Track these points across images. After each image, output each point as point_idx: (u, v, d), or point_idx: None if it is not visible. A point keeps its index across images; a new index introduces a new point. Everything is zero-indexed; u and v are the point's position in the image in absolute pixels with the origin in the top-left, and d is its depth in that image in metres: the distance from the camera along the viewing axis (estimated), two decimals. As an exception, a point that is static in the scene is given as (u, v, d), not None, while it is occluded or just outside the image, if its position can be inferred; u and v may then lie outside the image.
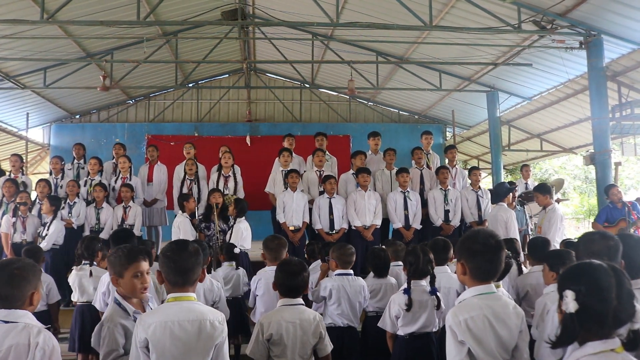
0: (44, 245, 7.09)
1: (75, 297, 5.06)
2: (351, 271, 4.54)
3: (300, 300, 3.28)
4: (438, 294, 3.91)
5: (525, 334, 2.53)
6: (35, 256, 5.31)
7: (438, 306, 3.87)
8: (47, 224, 7.25)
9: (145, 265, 2.98)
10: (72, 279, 5.07)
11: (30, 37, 9.63)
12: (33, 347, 2.35)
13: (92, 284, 4.89)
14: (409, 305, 3.78)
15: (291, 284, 3.28)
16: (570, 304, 1.78)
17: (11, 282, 2.44)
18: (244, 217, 7.06)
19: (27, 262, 2.58)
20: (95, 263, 5.07)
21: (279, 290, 3.35)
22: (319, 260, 5.63)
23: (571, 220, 24.67)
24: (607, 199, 7.84)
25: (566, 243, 5.61)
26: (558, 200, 10.30)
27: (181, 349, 2.49)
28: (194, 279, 2.66)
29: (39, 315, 2.54)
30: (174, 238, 6.88)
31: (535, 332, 3.39)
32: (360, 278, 4.60)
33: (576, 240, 5.76)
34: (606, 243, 2.76)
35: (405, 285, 3.93)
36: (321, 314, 3.56)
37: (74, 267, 5.14)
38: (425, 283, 3.96)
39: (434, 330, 3.94)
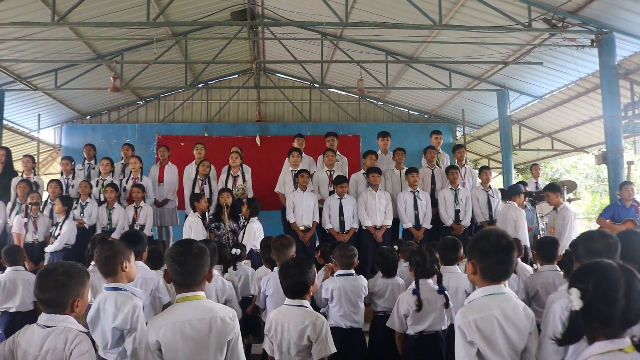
0: (57, 244, 7.14)
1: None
2: (352, 271, 4.54)
3: (303, 301, 3.20)
4: (446, 292, 3.91)
5: (534, 335, 2.51)
6: (15, 256, 5.35)
7: (446, 304, 3.88)
8: (60, 224, 7.30)
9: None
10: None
11: (41, 39, 9.72)
12: (68, 353, 2.37)
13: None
14: (419, 306, 3.78)
15: (287, 285, 3.24)
16: (575, 302, 1.78)
17: (53, 289, 2.46)
18: (256, 217, 7.08)
19: (72, 269, 2.56)
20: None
21: (283, 291, 3.34)
22: None
23: (583, 219, 24.47)
24: (618, 194, 7.75)
25: (572, 244, 5.56)
26: (569, 200, 10.23)
27: (194, 348, 2.51)
28: (199, 280, 2.66)
29: (28, 315, 2.56)
30: (185, 237, 6.91)
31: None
32: (362, 277, 4.60)
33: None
34: (606, 241, 2.74)
35: (413, 285, 3.93)
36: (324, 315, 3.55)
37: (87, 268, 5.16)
38: (432, 282, 3.97)
39: (443, 328, 3.94)
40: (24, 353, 2.39)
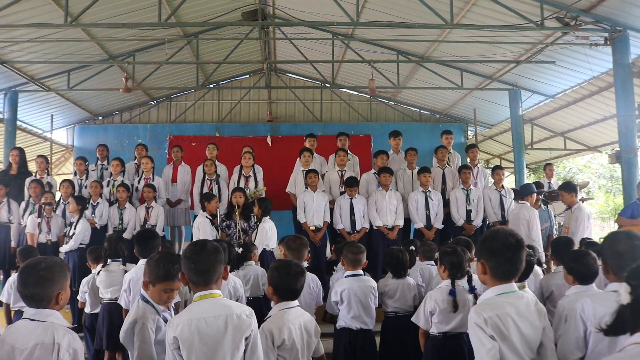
0: (72, 244, 7.18)
1: (103, 295, 5.13)
2: (361, 271, 4.52)
3: (296, 302, 3.14)
4: (476, 291, 3.88)
5: (548, 330, 2.53)
6: (30, 257, 5.37)
7: (475, 303, 3.85)
8: (74, 224, 7.34)
9: (177, 284, 3.09)
10: (100, 277, 5.13)
11: (54, 40, 9.81)
12: (57, 348, 2.39)
13: (119, 282, 4.94)
14: (455, 307, 3.76)
15: (290, 286, 3.11)
16: (623, 296, 1.84)
17: (37, 283, 2.48)
18: (268, 217, 7.09)
19: (54, 262, 2.59)
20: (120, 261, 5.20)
21: (277, 294, 3.11)
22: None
23: (596, 219, 24.30)
24: (638, 195, 7.65)
25: (586, 243, 5.50)
26: (582, 200, 10.13)
27: (210, 345, 2.52)
28: (215, 278, 2.68)
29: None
30: (194, 238, 6.96)
31: (556, 336, 3.34)
32: (370, 278, 4.59)
33: (600, 240, 5.68)
34: (631, 242, 2.70)
35: (444, 285, 3.90)
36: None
37: (102, 266, 5.22)
38: (462, 283, 3.94)
39: (468, 331, 3.90)
40: (10, 348, 2.39)
